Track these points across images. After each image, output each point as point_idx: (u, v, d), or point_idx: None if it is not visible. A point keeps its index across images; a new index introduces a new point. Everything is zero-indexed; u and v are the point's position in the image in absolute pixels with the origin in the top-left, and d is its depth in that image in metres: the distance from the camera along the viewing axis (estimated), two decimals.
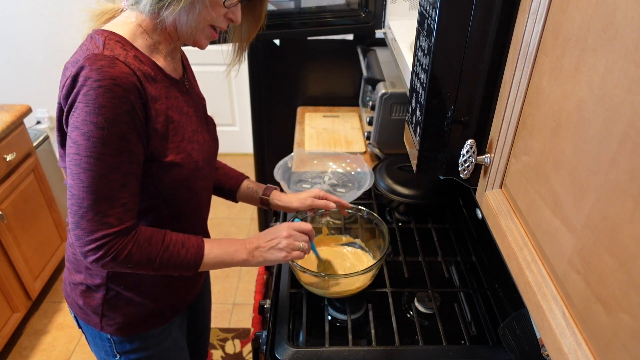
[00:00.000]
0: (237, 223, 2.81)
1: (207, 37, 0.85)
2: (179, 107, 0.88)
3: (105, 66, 0.73)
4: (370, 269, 1.04)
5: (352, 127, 1.91)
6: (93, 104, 0.73)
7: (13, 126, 1.93)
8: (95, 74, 0.72)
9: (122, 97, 0.74)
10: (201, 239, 0.89)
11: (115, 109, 0.74)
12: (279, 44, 1.92)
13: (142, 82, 0.78)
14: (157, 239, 0.84)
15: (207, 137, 0.97)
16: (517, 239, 0.57)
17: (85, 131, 0.74)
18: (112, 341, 0.98)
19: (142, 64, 0.80)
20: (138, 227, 0.83)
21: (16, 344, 2.04)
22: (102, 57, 0.74)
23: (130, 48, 0.80)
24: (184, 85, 0.92)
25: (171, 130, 0.85)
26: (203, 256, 0.87)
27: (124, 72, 0.75)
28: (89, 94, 0.72)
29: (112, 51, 0.76)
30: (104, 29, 0.81)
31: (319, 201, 1.12)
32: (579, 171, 0.44)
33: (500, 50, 0.61)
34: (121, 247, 0.79)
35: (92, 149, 0.74)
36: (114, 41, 0.78)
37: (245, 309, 2.26)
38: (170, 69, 0.88)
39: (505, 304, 1.07)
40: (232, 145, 3.44)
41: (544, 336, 0.48)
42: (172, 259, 0.84)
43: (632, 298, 0.36)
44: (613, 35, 0.39)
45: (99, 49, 0.76)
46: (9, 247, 1.89)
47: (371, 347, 0.99)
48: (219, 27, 0.84)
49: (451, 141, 0.69)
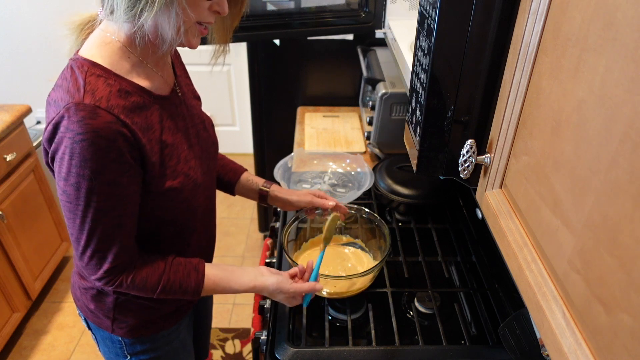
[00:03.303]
0: (237, 223, 2.81)
1: (197, 35, 0.81)
2: (173, 127, 0.86)
3: (86, 117, 0.70)
4: (370, 271, 1.04)
5: (352, 127, 1.91)
6: (78, 157, 0.71)
7: (13, 126, 1.93)
8: (77, 126, 0.70)
9: (106, 147, 0.72)
10: (202, 274, 0.89)
11: (101, 159, 0.72)
12: (279, 44, 1.92)
13: (130, 124, 0.75)
14: (152, 282, 0.85)
15: (206, 144, 0.95)
16: (517, 239, 0.57)
17: (73, 182, 0.73)
18: (123, 343, 0.98)
19: (129, 95, 0.77)
20: (137, 261, 0.85)
21: (16, 344, 2.04)
22: (83, 107, 0.71)
23: (114, 80, 0.76)
24: (176, 96, 0.89)
25: (166, 156, 0.83)
26: (201, 290, 0.89)
27: (107, 121, 0.72)
28: (73, 147, 0.71)
29: (94, 94, 0.72)
30: (84, 58, 0.76)
31: (318, 199, 1.12)
32: (579, 171, 0.44)
33: (500, 50, 0.61)
34: (118, 282, 0.83)
35: (82, 199, 0.75)
36: (95, 76, 0.74)
37: (245, 309, 2.26)
38: (159, 85, 0.84)
39: (505, 304, 1.07)
40: (232, 145, 3.44)
41: (544, 336, 0.48)
42: (170, 295, 0.87)
43: (632, 298, 0.36)
44: (613, 35, 0.39)
45: (79, 94, 0.72)
46: (9, 247, 1.89)
47: (371, 347, 0.99)
48: (206, 22, 0.79)
49: (451, 141, 0.69)
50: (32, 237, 2.06)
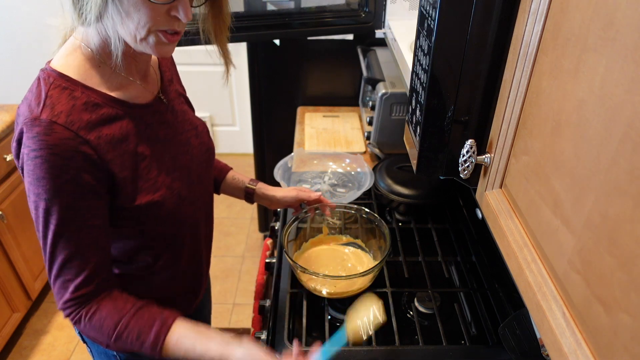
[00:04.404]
0: (237, 223, 2.81)
1: (162, 43, 0.72)
2: (152, 136, 0.81)
3: (41, 134, 0.66)
4: (370, 271, 1.04)
5: (352, 127, 1.91)
6: (32, 175, 0.68)
7: (13, 126, 1.93)
8: (31, 142, 0.67)
9: (60, 166, 0.68)
10: (167, 328, 0.77)
11: (55, 179, 0.68)
12: (279, 44, 1.92)
13: (92, 140, 0.70)
14: (108, 325, 0.76)
15: (198, 152, 0.91)
16: (517, 239, 0.57)
17: (32, 201, 0.70)
18: (118, 357, 0.97)
19: (97, 108, 0.72)
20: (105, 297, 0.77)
21: (16, 344, 2.04)
22: (39, 123, 0.67)
23: (81, 92, 0.71)
24: (160, 103, 0.84)
25: (144, 169, 0.78)
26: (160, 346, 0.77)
27: (63, 137, 0.67)
28: (28, 164, 0.68)
29: (53, 109, 0.68)
30: (52, 68, 0.73)
31: (303, 193, 1.14)
32: (579, 171, 0.44)
33: (500, 50, 0.61)
34: (77, 318, 0.76)
35: (41, 219, 0.71)
36: (59, 89, 0.70)
37: (245, 309, 2.26)
38: (137, 93, 0.80)
39: (505, 304, 1.07)
40: (232, 145, 3.44)
41: (544, 336, 0.48)
42: (127, 346, 0.77)
43: (632, 298, 0.36)
44: (613, 35, 0.39)
45: (38, 109, 0.68)
46: (9, 247, 1.89)
47: (371, 347, 0.99)
48: (169, 28, 0.70)
49: (451, 141, 0.69)
50: (32, 237, 2.06)
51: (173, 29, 0.71)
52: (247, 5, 1.63)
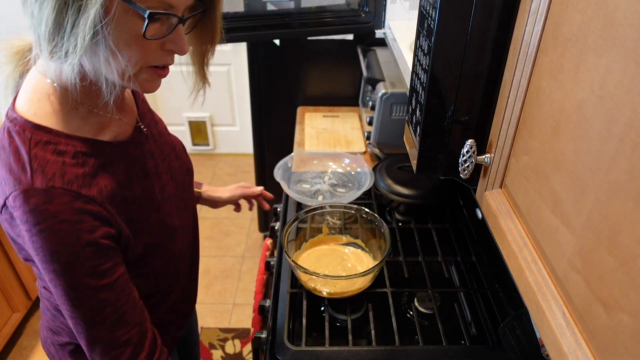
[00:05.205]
0: (237, 223, 2.81)
1: (152, 80, 0.65)
2: (140, 172, 0.74)
3: (40, 205, 0.58)
4: (370, 271, 1.04)
5: (352, 127, 1.91)
6: (43, 252, 0.60)
7: None
8: (30, 217, 0.58)
9: (72, 232, 0.60)
10: None
11: (70, 248, 0.60)
12: (279, 44, 1.92)
13: (95, 196, 0.63)
14: None
15: (180, 175, 0.85)
16: (517, 239, 0.57)
17: (50, 279, 0.62)
18: None
19: (87, 158, 0.64)
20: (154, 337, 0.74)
21: (16, 344, 2.04)
22: (34, 193, 0.58)
23: (65, 144, 0.62)
24: (140, 134, 0.76)
25: (136, 210, 0.71)
26: None
27: (65, 201, 0.59)
28: (34, 241, 0.59)
29: (44, 172, 0.59)
30: (24, 119, 0.61)
31: (247, 189, 1.24)
32: (579, 171, 0.44)
33: (500, 50, 0.61)
34: None
35: (65, 300, 0.63)
36: (42, 145, 0.60)
37: (245, 309, 2.26)
38: (119, 130, 0.72)
39: (505, 304, 1.07)
40: (232, 145, 3.44)
41: (544, 336, 0.48)
42: None
43: (632, 298, 0.36)
44: (613, 35, 0.39)
45: (26, 176, 0.59)
46: (9, 247, 1.89)
47: (371, 347, 0.99)
48: (162, 63, 0.64)
49: (451, 141, 0.69)
50: None
51: (167, 64, 0.65)
52: (247, 5, 1.63)
